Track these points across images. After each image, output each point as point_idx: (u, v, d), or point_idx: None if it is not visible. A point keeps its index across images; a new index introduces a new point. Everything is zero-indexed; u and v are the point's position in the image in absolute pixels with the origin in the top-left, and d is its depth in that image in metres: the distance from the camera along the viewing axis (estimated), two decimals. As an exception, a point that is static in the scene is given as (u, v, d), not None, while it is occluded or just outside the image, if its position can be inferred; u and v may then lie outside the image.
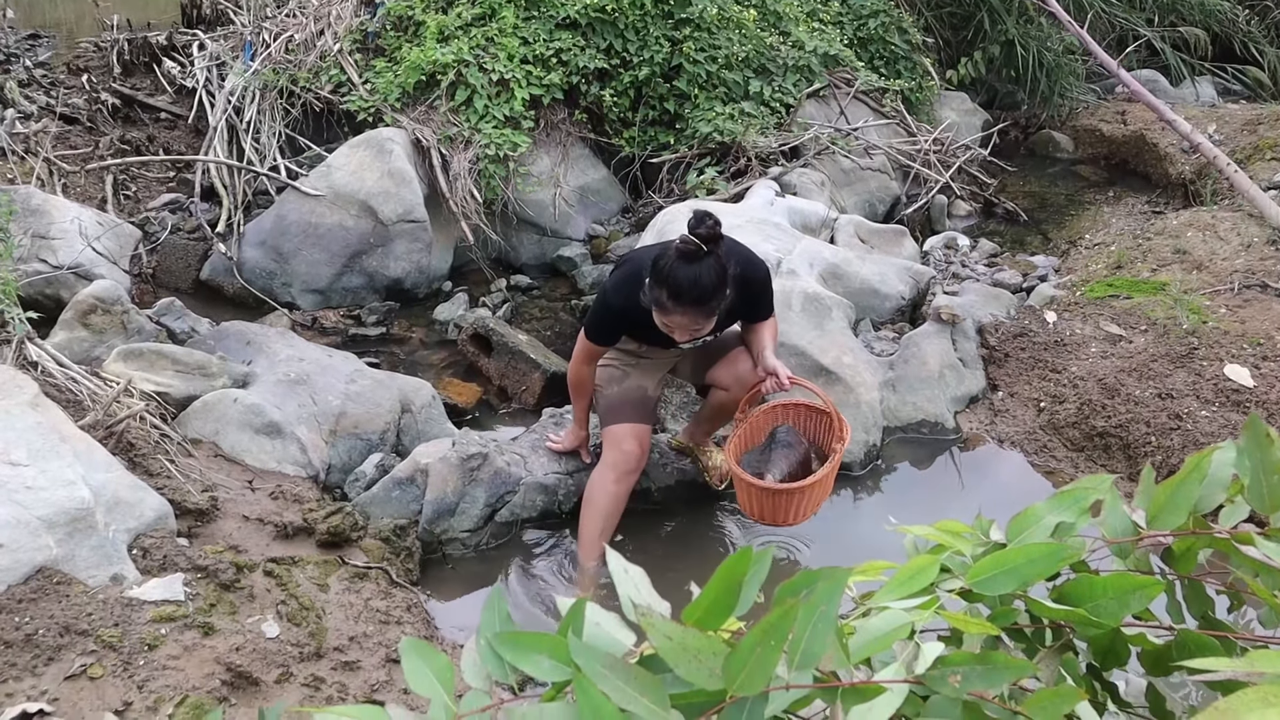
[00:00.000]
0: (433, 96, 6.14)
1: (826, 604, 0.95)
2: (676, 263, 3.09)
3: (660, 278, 3.13)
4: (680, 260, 3.09)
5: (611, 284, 3.52)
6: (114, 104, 6.63)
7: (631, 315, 3.44)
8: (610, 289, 3.51)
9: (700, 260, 3.08)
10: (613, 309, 3.50)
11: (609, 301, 3.51)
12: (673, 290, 3.11)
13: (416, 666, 1.13)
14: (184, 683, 2.54)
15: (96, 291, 4.26)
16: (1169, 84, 8.87)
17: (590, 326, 3.60)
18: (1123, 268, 5.51)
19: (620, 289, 3.44)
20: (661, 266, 3.13)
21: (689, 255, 3.08)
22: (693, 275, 3.08)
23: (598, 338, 3.60)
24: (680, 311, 3.16)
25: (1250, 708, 0.86)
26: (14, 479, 2.81)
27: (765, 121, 6.64)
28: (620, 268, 3.59)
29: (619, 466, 3.62)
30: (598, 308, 3.59)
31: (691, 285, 3.10)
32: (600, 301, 3.59)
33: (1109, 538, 1.26)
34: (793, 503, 3.36)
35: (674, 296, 3.12)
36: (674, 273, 3.09)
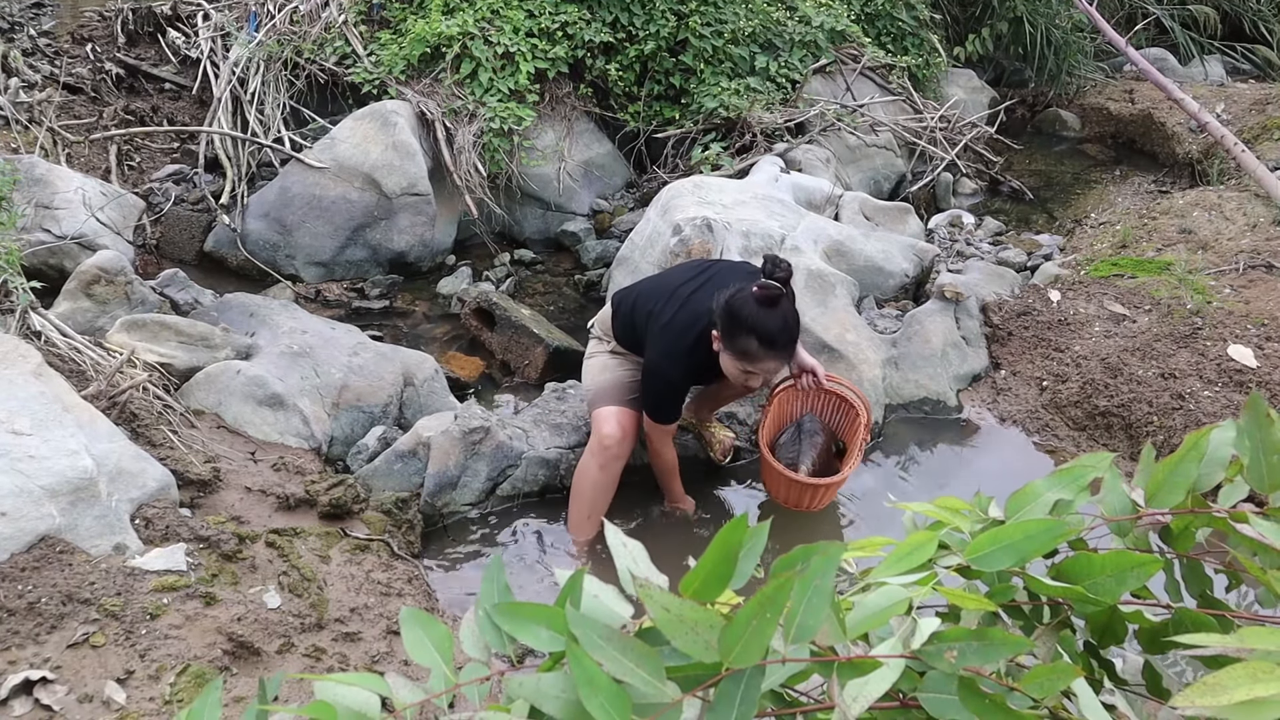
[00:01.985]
0: (437, 69, 6.12)
1: (822, 578, 0.96)
2: (761, 310, 3.06)
3: (748, 327, 3.08)
4: (764, 306, 3.06)
5: (662, 356, 3.38)
6: (118, 74, 6.60)
7: (691, 376, 3.45)
8: (665, 362, 3.37)
9: (782, 302, 3.08)
10: (676, 383, 3.41)
11: (669, 378, 3.39)
12: (765, 339, 3.08)
13: (416, 637, 1.14)
14: (186, 652, 2.55)
15: (100, 262, 4.26)
16: (1177, 62, 8.82)
17: (658, 410, 3.46)
18: (1128, 247, 5.50)
19: (675, 358, 3.35)
20: (746, 318, 3.07)
21: (773, 300, 3.05)
22: (781, 320, 3.08)
23: (670, 415, 3.49)
24: (773, 358, 3.15)
25: (1239, 683, 0.86)
26: (17, 448, 2.81)
27: (771, 97, 6.61)
28: (658, 335, 3.41)
29: (601, 452, 3.56)
30: (658, 387, 3.42)
31: (782, 330, 3.10)
32: (658, 379, 3.41)
33: (1108, 515, 1.26)
34: (819, 493, 3.59)
35: (768, 344, 3.09)
36: (764, 321, 3.06)
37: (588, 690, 0.92)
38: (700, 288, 3.43)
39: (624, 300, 3.65)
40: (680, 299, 3.43)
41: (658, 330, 3.40)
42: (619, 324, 3.65)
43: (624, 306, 3.63)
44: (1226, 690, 0.86)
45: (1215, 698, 0.86)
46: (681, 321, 3.35)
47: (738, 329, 3.09)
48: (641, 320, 3.51)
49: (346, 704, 1.06)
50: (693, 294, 3.43)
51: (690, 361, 3.34)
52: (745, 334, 3.08)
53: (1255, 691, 0.85)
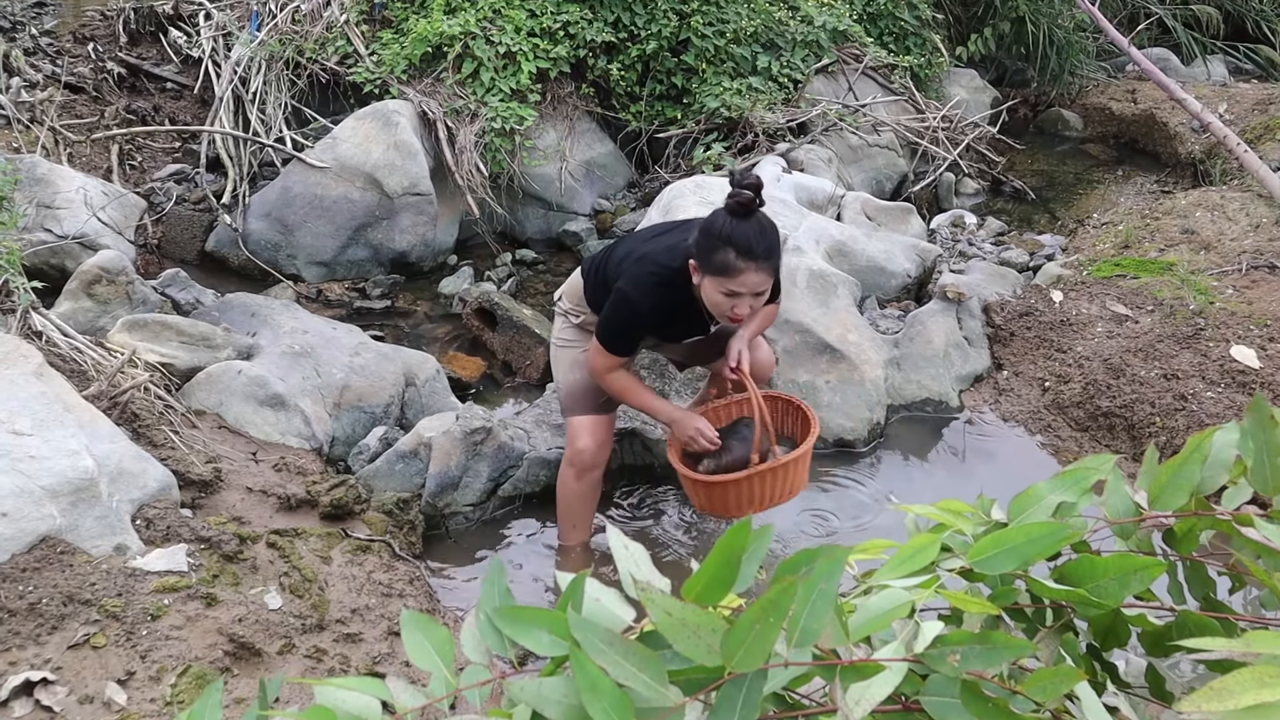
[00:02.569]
0: (439, 69, 6.11)
1: (826, 581, 0.95)
2: (735, 221, 2.91)
3: (723, 239, 2.92)
4: (738, 218, 2.92)
5: (630, 284, 3.18)
6: (120, 73, 6.60)
7: (657, 318, 3.24)
8: (631, 290, 3.18)
9: (756, 210, 2.94)
10: (640, 311, 3.20)
11: (633, 304, 3.18)
12: (742, 247, 2.90)
13: (417, 639, 1.14)
14: (187, 653, 2.55)
15: (101, 262, 4.26)
16: (1180, 62, 8.81)
17: (611, 336, 3.26)
18: (1130, 247, 5.49)
19: (643, 286, 3.17)
20: (719, 230, 2.93)
21: (746, 209, 2.92)
22: (756, 227, 2.93)
23: (623, 348, 3.29)
24: (754, 268, 2.93)
25: (1245, 687, 0.86)
26: (18, 448, 2.81)
27: (773, 97, 6.61)
28: (630, 266, 3.24)
29: (576, 463, 3.47)
30: (620, 314, 3.22)
31: (760, 236, 2.93)
32: (621, 306, 3.21)
33: (1111, 518, 1.26)
34: (730, 494, 3.19)
35: (746, 253, 2.90)
36: (738, 230, 2.91)
37: (590, 695, 0.91)
38: (677, 229, 3.31)
39: (594, 261, 3.48)
40: (655, 235, 3.34)
41: (631, 262, 3.25)
42: (590, 286, 3.44)
43: (595, 266, 3.44)
44: (1233, 695, 0.85)
45: (1222, 702, 0.85)
46: (656, 253, 3.20)
47: (713, 245, 2.94)
48: (614, 270, 3.31)
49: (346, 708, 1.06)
50: (669, 233, 3.31)
51: (661, 295, 3.15)
52: (721, 247, 2.92)
53: (1262, 696, 0.84)
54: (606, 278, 3.34)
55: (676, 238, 3.20)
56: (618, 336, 3.26)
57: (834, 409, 4.29)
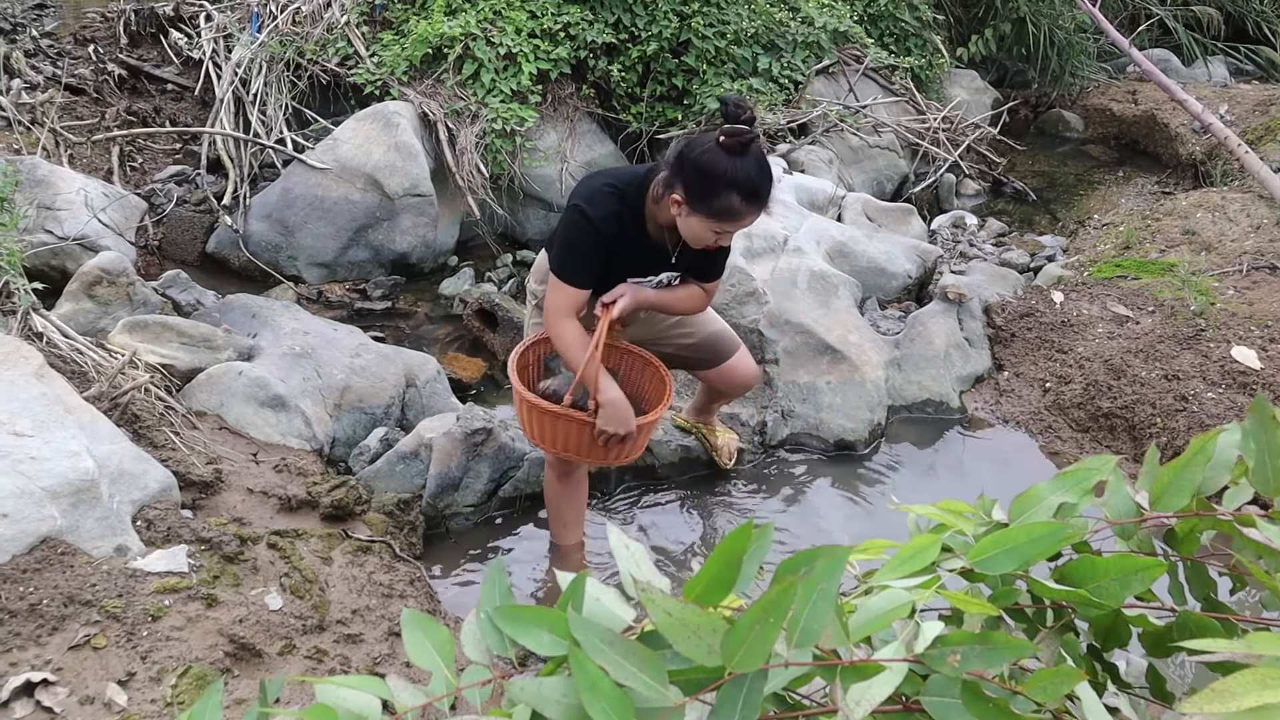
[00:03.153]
0: (440, 70, 6.11)
1: (826, 581, 0.95)
2: (735, 159, 2.70)
3: (726, 182, 2.70)
4: (737, 155, 2.70)
5: (583, 196, 2.93)
6: (120, 75, 6.61)
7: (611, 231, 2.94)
8: (583, 201, 2.91)
9: (753, 146, 2.74)
10: (593, 221, 2.90)
11: (586, 215, 2.90)
12: (747, 190, 2.71)
13: (417, 639, 1.14)
14: (187, 654, 2.55)
15: (102, 263, 4.26)
16: (1181, 64, 8.80)
17: (567, 265, 2.96)
18: (1131, 248, 5.49)
19: (596, 197, 2.91)
20: (721, 171, 2.69)
21: (745, 145, 2.71)
22: (757, 165, 2.73)
23: (580, 276, 2.98)
24: (755, 210, 2.77)
25: (1247, 689, 0.86)
26: (18, 449, 2.81)
27: (774, 98, 6.61)
28: (582, 184, 3.01)
29: (558, 464, 3.36)
30: (573, 236, 2.94)
31: (762, 175, 2.74)
32: (574, 220, 2.93)
33: (1112, 518, 1.26)
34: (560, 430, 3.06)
35: (751, 196, 2.73)
36: (742, 170, 2.70)
37: (590, 695, 0.91)
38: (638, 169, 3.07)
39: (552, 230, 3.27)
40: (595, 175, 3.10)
41: (586, 179, 3.04)
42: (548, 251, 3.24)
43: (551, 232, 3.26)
44: (1235, 696, 0.85)
45: (1224, 704, 0.85)
46: (612, 170, 3.00)
47: (714, 188, 2.72)
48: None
49: (347, 707, 1.06)
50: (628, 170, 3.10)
51: (616, 206, 2.92)
52: (724, 191, 2.71)
53: (1264, 698, 0.84)
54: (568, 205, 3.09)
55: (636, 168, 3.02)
56: (573, 258, 2.97)
57: (835, 410, 4.29)
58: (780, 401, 4.31)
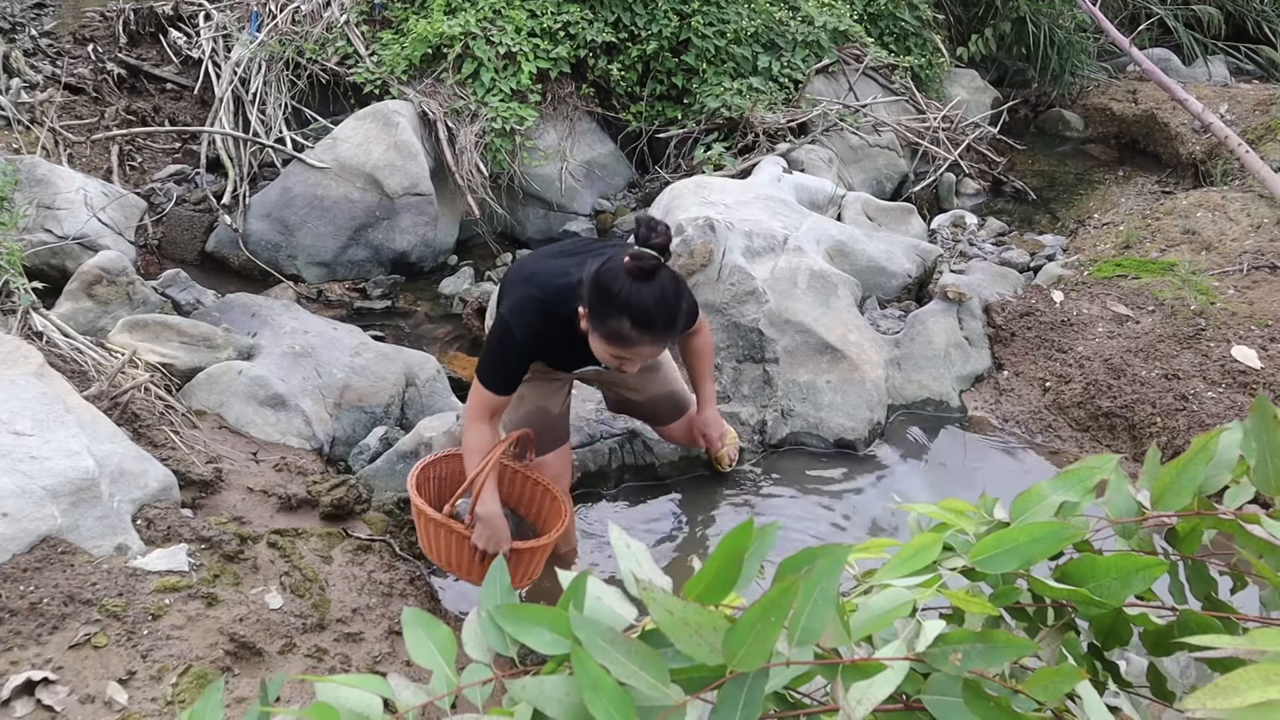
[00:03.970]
0: (439, 69, 6.11)
1: (827, 580, 0.95)
2: (634, 284, 2.57)
3: (618, 305, 2.59)
4: (638, 280, 2.57)
5: (510, 309, 2.87)
6: (120, 74, 6.60)
7: (540, 345, 2.94)
8: (510, 315, 2.87)
9: (660, 274, 2.59)
10: (517, 341, 2.87)
11: (511, 332, 2.87)
12: (640, 318, 2.59)
13: (418, 638, 1.14)
14: (188, 652, 2.55)
15: (102, 262, 4.26)
16: (1181, 63, 8.81)
17: (490, 373, 2.92)
18: (1131, 247, 5.49)
19: (523, 314, 2.85)
20: (616, 293, 2.58)
21: (648, 272, 2.57)
22: (658, 294, 2.59)
23: (504, 386, 2.94)
24: (649, 341, 2.67)
25: (1250, 685, 0.86)
26: (19, 448, 2.81)
27: (773, 97, 6.61)
28: (511, 290, 2.95)
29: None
30: (498, 347, 2.92)
31: (660, 307, 2.61)
32: (500, 334, 2.91)
33: (1113, 517, 1.26)
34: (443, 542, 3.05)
35: (642, 325, 2.61)
36: (636, 297, 2.57)
37: (591, 694, 0.91)
38: (582, 252, 2.96)
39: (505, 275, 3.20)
40: (556, 255, 3.02)
41: (519, 281, 2.95)
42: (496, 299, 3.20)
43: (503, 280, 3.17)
44: (1239, 693, 0.85)
45: (1227, 700, 0.85)
46: (546, 275, 2.88)
47: (608, 307, 2.60)
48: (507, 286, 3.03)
49: (348, 705, 1.06)
50: (571, 255, 2.96)
51: (544, 323, 2.86)
52: (616, 313, 2.59)
53: (1268, 694, 0.84)
54: (502, 293, 3.07)
55: (572, 263, 2.87)
56: (496, 369, 2.94)
57: (835, 409, 4.29)
58: (780, 400, 4.31)
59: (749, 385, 4.36)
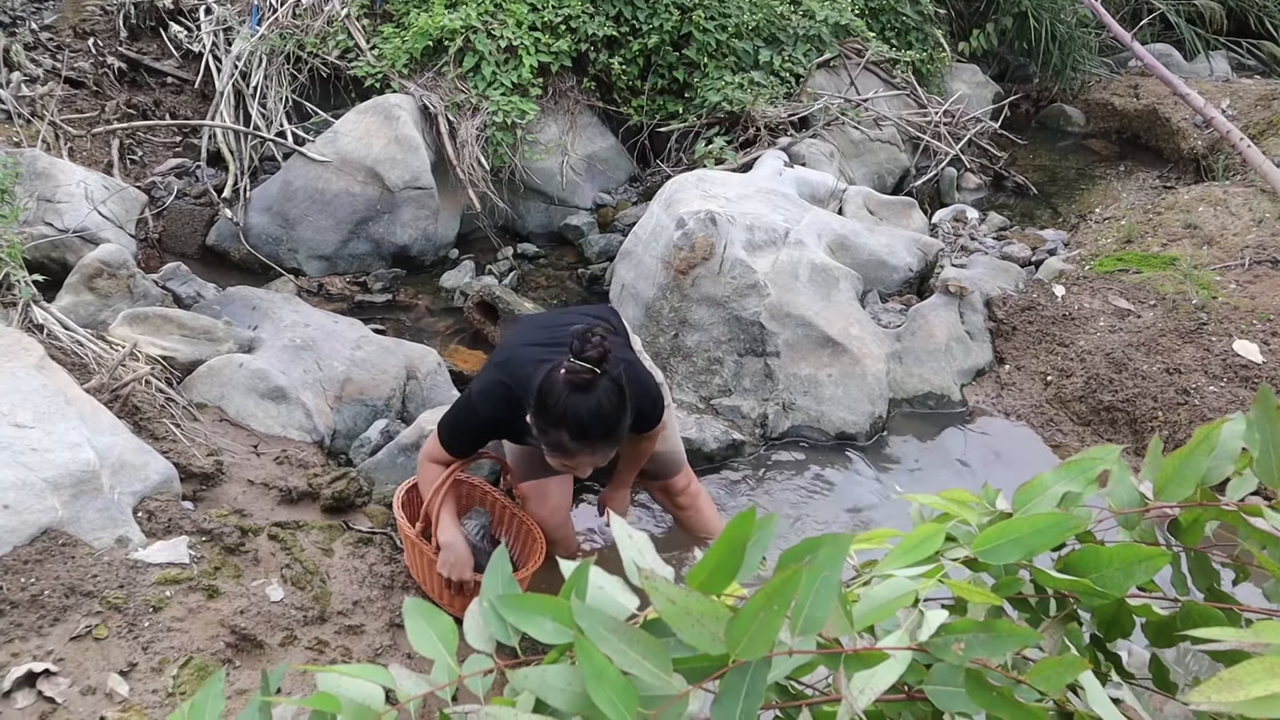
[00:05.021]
0: (440, 63, 6.10)
1: (829, 570, 0.95)
2: (570, 396, 2.59)
3: (554, 418, 2.62)
4: (574, 392, 2.59)
5: (479, 389, 2.97)
6: (120, 68, 6.59)
7: (501, 429, 3.05)
8: (477, 395, 2.96)
9: (596, 386, 2.59)
10: (479, 419, 2.99)
11: (474, 411, 2.98)
12: (575, 430, 2.62)
13: (420, 628, 1.13)
14: (189, 644, 2.55)
15: (102, 255, 4.25)
16: (1183, 58, 8.80)
17: (450, 434, 3.04)
18: (1132, 242, 5.49)
19: (489, 398, 2.92)
20: (552, 405, 2.61)
21: (583, 385, 2.58)
22: (593, 406, 2.59)
23: (456, 447, 3.07)
24: (587, 451, 2.69)
25: (1255, 678, 0.85)
26: (19, 441, 2.81)
27: (775, 91, 6.60)
28: (490, 366, 3.05)
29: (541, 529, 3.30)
30: (461, 414, 3.05)
31: (595, 418, 2.61)
32: (463, 408, 3.05)
33: (1115, 508, 1.26)
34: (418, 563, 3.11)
35: (579, 436, 2.63)
36: (571, 409, 2.59)
37: (595, 683, 0.91)
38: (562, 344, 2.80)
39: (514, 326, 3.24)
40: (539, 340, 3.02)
41: (497, 362, 3.03)
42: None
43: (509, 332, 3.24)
44: (1243, 685, 0.85)
45: (1231, 693, 0.85)
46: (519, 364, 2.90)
47: (547, 419, 2.65)
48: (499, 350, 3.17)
49: (350, 696, 1.06)
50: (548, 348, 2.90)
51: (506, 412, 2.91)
52: (555, 425, 2.64)
53: (1272, 687, 0.84)
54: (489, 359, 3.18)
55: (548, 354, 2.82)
56: (453, 434, 3.05)
57: (836, 402, 4.29)
58: (781, 394, 4.31)
59: (750, 379, 4.36)
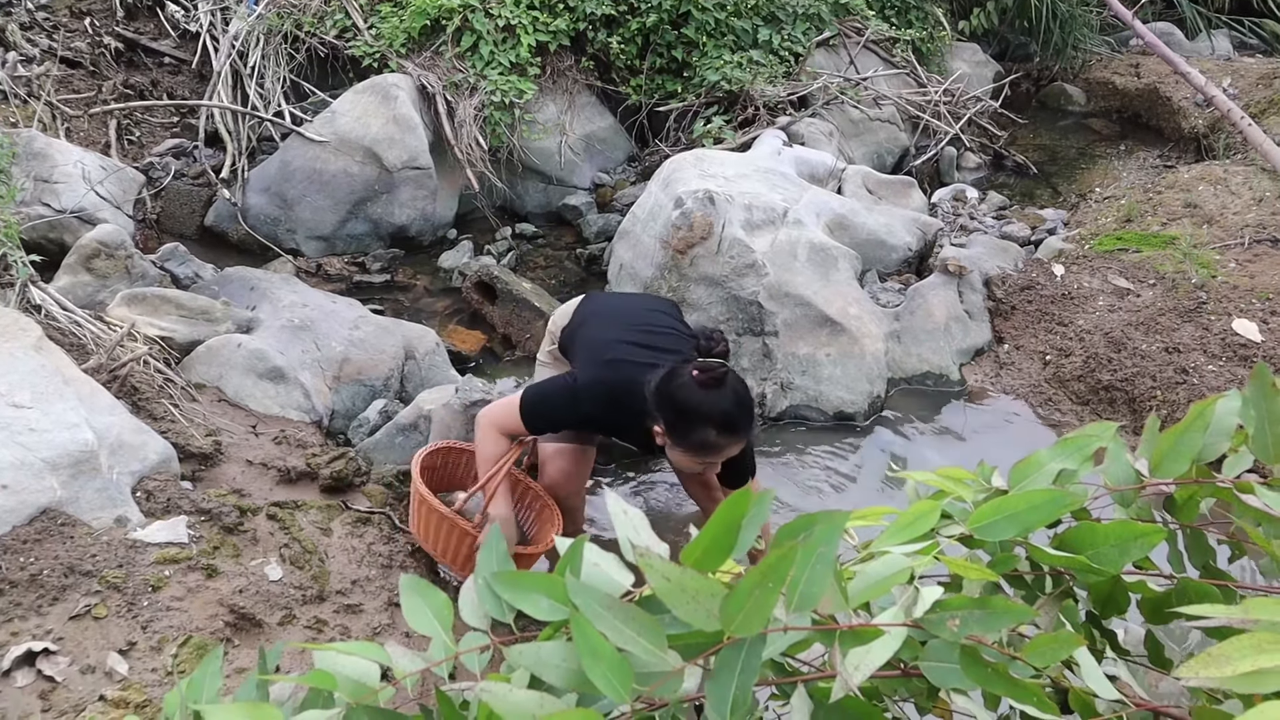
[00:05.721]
0: (438, 42, 6.08)
1: (825, 546, 0.95)
2: (710, 394, 2.68)
3: (700, 418, 2.69)
4: (713, 389, 2.68)
5: (586, 384, 2.95)
6: (117, 48, 6.56)
7: (591, 424, 3.07)
8: (583, 390, 2.94)
9: (728, 380, 2.71)
10: (578, 412, 2.99)
11: (578, 402, 2.95)
12: (726, 424, 2.70)
13: (416, 605, 1.14)
14: (187, 624, 2.55)
15: (100, 236, 4.24)
16: (1184, 37, 8.76)
17: (536, 413, 2.98)
18: (1132, 221, 5.48)
19: (594, 395, 2.94)
20: (695, 407, 2.69)
21: (719, 380, 2.69)
22: (732, 398, 2.71)
23: (536, 426, 3.04)
24: (736, 441, 2.77)
25: (1244, 654, 0.86)
26: (18, 421, 2.81)
27: (774, 70, 6.57)
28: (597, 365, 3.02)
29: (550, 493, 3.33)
30: (559, 399, 2.98)
31: (739, 408, 2.72)
32: (562, 398, 2.97)
33: (1111, 485, 1.26)
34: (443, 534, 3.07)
35: (726, 429, 2.71)
36: (716, 405, 2.68)
37: (590, 660, 0.91)
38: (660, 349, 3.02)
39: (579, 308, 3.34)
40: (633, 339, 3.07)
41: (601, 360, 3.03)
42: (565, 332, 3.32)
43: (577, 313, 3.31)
44: (1231, 661, 0.85)
45: (1220, 669, 0.85)
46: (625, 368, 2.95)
47: (690, 423, 2.71)
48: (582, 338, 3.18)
49: (347, 673, 1.06)
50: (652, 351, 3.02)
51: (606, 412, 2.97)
52: (701, 426, 2.69)
53: (1260, 662, 0.84)
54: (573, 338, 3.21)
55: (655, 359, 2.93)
56: (541, 415, 3.01)
57: (834, 382, 4.28)
58: (780, 374, 4.31)
59: (748, 358, 4.36)
